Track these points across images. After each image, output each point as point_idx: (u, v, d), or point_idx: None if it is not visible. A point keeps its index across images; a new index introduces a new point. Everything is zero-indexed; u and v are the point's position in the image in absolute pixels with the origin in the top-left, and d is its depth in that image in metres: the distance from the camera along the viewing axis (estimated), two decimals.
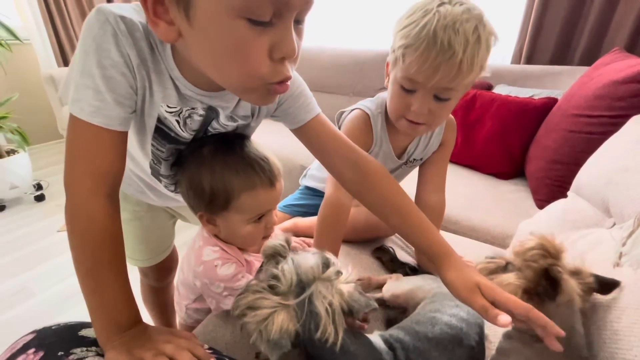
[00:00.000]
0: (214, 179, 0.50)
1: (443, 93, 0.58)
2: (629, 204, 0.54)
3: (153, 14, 0.34)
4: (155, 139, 0.49)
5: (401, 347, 0.41)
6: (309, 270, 0.38)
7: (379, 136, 0.72)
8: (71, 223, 0.41)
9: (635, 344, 0.39)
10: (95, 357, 0.40)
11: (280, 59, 0.36)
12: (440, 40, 0.51)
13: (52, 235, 1.68)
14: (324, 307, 0.35)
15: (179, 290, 0.67)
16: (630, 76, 0.91)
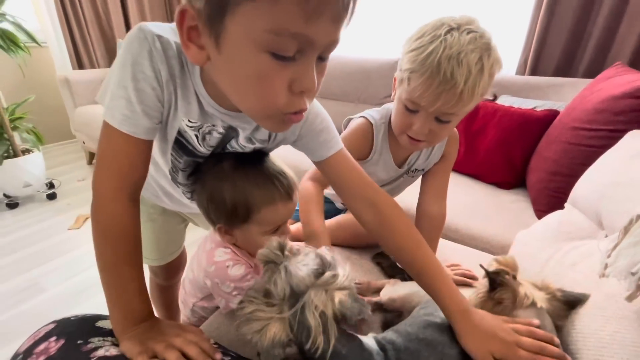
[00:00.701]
0: (235, 193, 0.52)
1: (444, 116, 0.61)
2: (619, 218, 0.56)
3: (187, 38, 0.37)
4: (174, 149, 0.53)
5: (392, 348, 0.44)
6: (301, 280, 0.39)
7: (380, 145, 0.76)
8: (96, 220, 0.45)
9: (617, 351, 0.41)
10: (111, 347, 0.43)
11: (299, 92, 0.38)
12: (444, 71, 0.54)
13: (62, 233, 1.73)
14: (314, 318, 0.37)
15: (185, 289, 0.69)
16: (630, 91, 0.92)
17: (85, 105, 2.40)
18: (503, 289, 0.47)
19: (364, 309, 0.41)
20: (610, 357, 0.41)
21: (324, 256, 0.44)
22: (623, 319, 0.43)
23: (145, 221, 0.77)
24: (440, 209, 0.80)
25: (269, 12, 0.31)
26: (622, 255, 0.42)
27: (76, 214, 1.90)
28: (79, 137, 2.48)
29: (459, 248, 0.92)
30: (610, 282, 0.47)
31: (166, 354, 0.40)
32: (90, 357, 0.40)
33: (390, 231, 0.55)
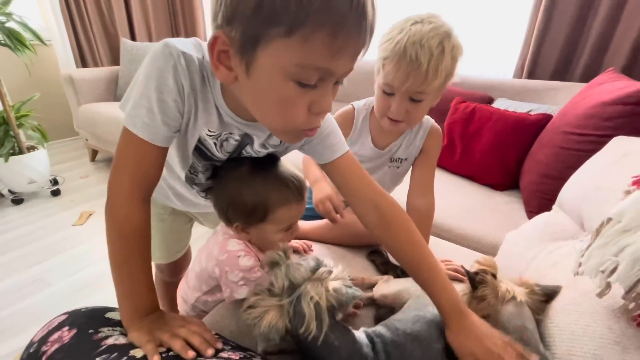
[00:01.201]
0: (255, 195, 0.57)
1: (416, 95, 0.70)
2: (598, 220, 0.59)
3: (217, 59, 0.41)
4: (194, 155, 0.57)
5: (380, 341, 0.47)
6: (299, 274, 0.45)
7: (359, 127, 0.86)
8: (111, 220, 0.48)
9: (587, 343, 0.45)
10: (119, 336, 0.46)
11: (317, 113, 0.43)
12: (409, 54, 0.64)
13: (67, 229, 1.77)
14: (309, 307, 0.42)
15: (189, 284, 0.73)
16: (618, 98, 0.96)
17: (88, 103, 2.43)
18: (484, 287, 0.50)
19: (358, 294, 0.45)
20: (581, 348, 0.45)
21: (320, 259, 0.48)
22: (595, 313, 0.47)
23: (155, 221, 0.81)
24: (427, 202, 0.84)
25: (300, 49, 0.36)
26: (593, 256, 0.45)
27: (80, 210, 1.94)
28: (82, 134, 2.51)
29: (451, 247, 0.96)
30: (585, 280, 0.50)
31: (172, 342, 0.44)
32: (101, 345, 0.43)
33: (392, 232, 0.58)
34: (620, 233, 0.42)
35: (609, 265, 0.42)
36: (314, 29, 0.35)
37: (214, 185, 0.62)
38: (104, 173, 2.47)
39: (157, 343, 0.44)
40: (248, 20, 0.36)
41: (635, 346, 0.40)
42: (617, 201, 0.49)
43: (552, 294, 0.53)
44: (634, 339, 0.40)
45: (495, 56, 1.88)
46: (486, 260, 0.51)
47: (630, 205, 0.43)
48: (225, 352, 0.49)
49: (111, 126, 2.19)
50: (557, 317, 0.51)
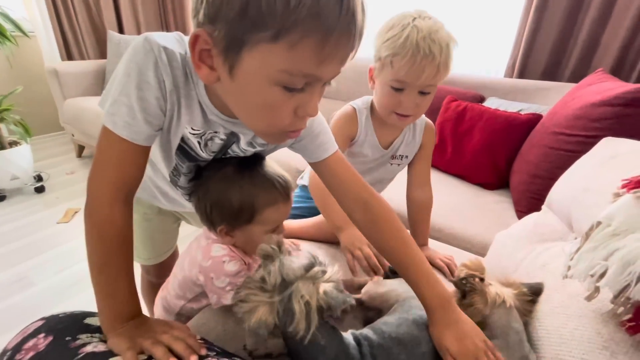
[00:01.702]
0: (242, 196, 0.55)
1: (426, 88, 0.71)
2: (587, 222, 0.58)
3: (198, 59, 0.39)
4: (177, 155, 0.54)
5: (367, 344, 0.47)
6: (292, 271, 0.43)
7: (364, 126, 0.84)
8: (91, 222, 0.46)
9: (575, 346, 0.45)
10: (99, 343, 0.44)
11: (302, 116, 0.42)
12: (423, 49, 0.65)
13: (51, 227, 1.73)
14: (299, 305, 0.41)
15: (171, 293, 0.69)
16: (606, 99, 0.96)
17: (74, 97, 2.36)
18: (473, 294, 0.50)
19: (348, 300, 0.44)
20: (569, 352, 0.44)
21: (316, 256, 0.47)
22: (583, 317, 0.47)
23: (141, 221, 0.78)
24: (425, 193, 0.90)
25: (287, 55, 0.35)
26: (582, 259, 0.45)
27: (65, 207, 1.89)
28: (68, 129, 2.45)
29: (441, 247, 0.95)
30: (573, 282, 0.50)
31: (153, 349, 0.42)
32: (79, 353, 0.41)
33: (379, 229, 0.58)
34: (610, 237, 0.42)
35: (598, 269, 0.42)
36: (302, 35, 0.33)
37: (196, 187, 0.60)
38: None
39: (137, 350, 0.42)
40: (232, 23, 0.34)
41: (623, 351, 0.40)
42: (606, 203, 0.49)
43: (538, 292, 0.54)
44: (622, 343, 0.40)
45: (487, 55, 1.89)
46: (473, 264, 0.51)
47: (620, 208, 0.43)
48: (209, 358, 0.47)
49: (98, 121, 2.14)
50: (546, 320, 0.51)
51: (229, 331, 0.64)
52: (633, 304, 0.40)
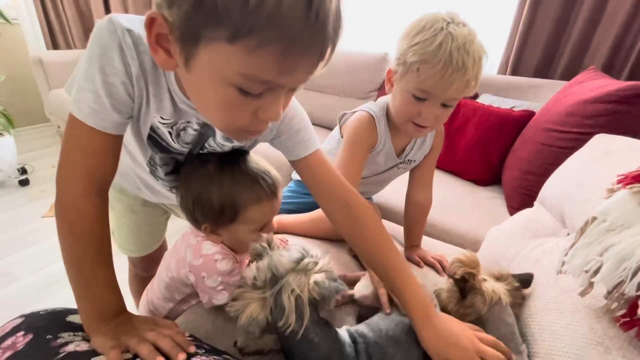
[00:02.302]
0: (223, 194, 0.52)
1: (450, 102, 0.67)
2: (580, 218, 0.59)
3: (155, 41, 0.35)
4: (149, 145, 0.52)
5: (363, 342, 0.46)
6: (281, 265, 0.42)
7: (383, 136, 0.79)
8: (62, 218, 0.44)
9: (569, 342, 0.44)
10: (81, 342, 0.42)
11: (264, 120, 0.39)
12: (456, 60, 0.59)
13: (36, 221, 1.68)
14: (289, 300, 0.40)
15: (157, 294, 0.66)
16: (599, 96, 0.97)
17: (60, 87, 2.30)
18: (473, 294, 0.49)
19: (341, 288, 0.43)
20: (562, 348, 0.44)
21: (307, 248, 0.46)
22: (576, 312, 0.47)
23: (127, 212, 0.76)
24: (426, 197, 0.88)
25: (244, 59, 0.32)
26: (577, 255, 0.45)
27: (50, 201, 1.84)
28: (54, 120, 2.38)
29: (434, 243, 0.95)
30: (567, 278, 0.50)
31: (139, 347, 0.40)
32: (60, 352, 0.40)
33: (360, 232, 0.56)
34: (605, 232, 0.42)
35: (593, 265, 0.42)
36: (261, 42, 0.30)
37: (178, 183, 0.57)
38: None
39: (122, 349, 0.41)
40: (187, 13, 0.31)
41: (617, 347, 0.39)
42: (599, 199, 0.49)
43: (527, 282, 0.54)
44: (616, 339, 0.40)
45: None
46: (468, 259, 0.50)
47: (615, 204, 0.43)
48: (198, 356, 0.46)
49: None
50: (539, 315, 0.51)
51: (219, 328, 0.63)
52: (627, 299, 0.40)
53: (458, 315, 0.51)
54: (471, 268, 0.49)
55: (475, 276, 0.49)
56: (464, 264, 0.49)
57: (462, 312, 0.50)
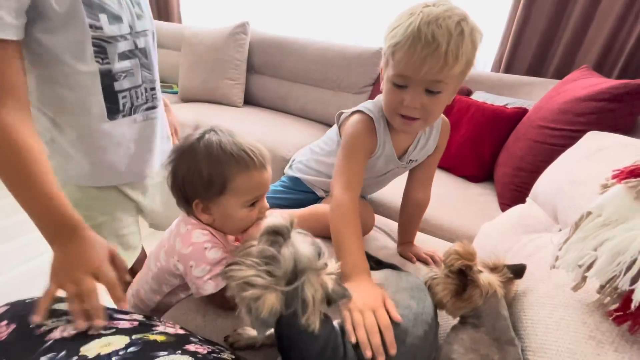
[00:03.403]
0: (211, 164, 0.54)
1: (433, 86, 0.60)
2: (573, 213, 0.59)
3: None
4: (87, 12, 0.53)
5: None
6: (306, 260, 0.40)
7: (382, 139, 0.74)
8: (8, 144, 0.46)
9: (561, 336, 0.44)
10: (67, 325, 0.41)
11: None
12: (424, 35, 0.55)
13: (18, 214, 1.62)
14: (312, 297, 0.39)
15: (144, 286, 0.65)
16: (591, 94, 0.98)
17: None
18: (471, 287, 0.48)
19: (347, 294, 0.44)
20: (555, 342, 0.44)
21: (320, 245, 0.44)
22: (568, 307, 0.47)
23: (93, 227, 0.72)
24: (426, 195, 0.86)
25: None
26: (571, 249, 0.45)
27: None
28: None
29: (426, 239, 0.95)
30: (559, 273, 0.50)
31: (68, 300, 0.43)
32: (46, 341, 0.38)
33: None
34: (600, 227, 0.42)
35: (587, 260, 0.41)
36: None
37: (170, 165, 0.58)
38: None
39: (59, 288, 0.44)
40: None
41: (609, 341, 0.39)
42: (593, 195, 0.49)
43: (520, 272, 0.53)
44: (608, 333, 0.40)
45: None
46: (465, 250, 0.49)
47: (610, 199, 0.42)
48: (193, 344, 0.45)
49: None
50: (531, 310, 0.51)
51: (209, 322, 0.62)
52: (620, 294, 0.40)
53: (454, 308, 0.50)
54: (468, 260, 0.48)
55: (471, 268, 0.48)
56: (461, 256, 0.48)
57: (459, 305, 0.49)
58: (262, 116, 1.98)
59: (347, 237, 0.63)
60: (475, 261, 0.49)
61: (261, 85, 2.17)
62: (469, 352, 0.46)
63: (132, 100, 0.64)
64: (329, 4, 2.12)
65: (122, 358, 0.37)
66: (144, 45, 0.64)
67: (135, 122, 0.67)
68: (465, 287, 0.49)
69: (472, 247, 0.50)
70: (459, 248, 0.49)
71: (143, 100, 0.67)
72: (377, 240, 0.89)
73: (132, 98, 0.64)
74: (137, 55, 0.63)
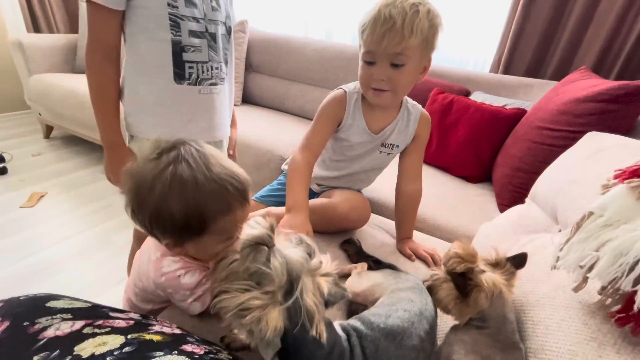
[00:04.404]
0: (187, 206, 0.45)
1: (396, 59, 0.68)
2: (573, 213, 0.59)
3: None
4: None
5: (356, 335, 0.44)
6: (299, 265, 0.37)
7: (352, 110, 0.82)
8: (90, 78, 0.74)
9: (562, 338, 0.44)
10: (61, 323, 0.40)
11: None
12: (383, 14, 0.65)
13: (14, 211, 1.61)
14: (314, 303, 0.36)
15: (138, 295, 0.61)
16: (590, 95, 0.97)
17: (41, 73, 2.20)
18: (476, 291, 0.47)
19: (345, 294, 0.42)
20: (555, 344, 0.44)
21: (309, 243, 0.42)
22: (569, 308, 0.46)
23: None
24: (416, 187, 0.88)
25: None
26: (572, 250, 0.45)
27: (30, 191, 1.77)
28: (35, 108, 2.28)
29: (424, 238, 0.95)
30: (560, 273, 0.50)
31: None
32: (39, 339, 0.37)
33: None
34: (602, 227, 0.41)
35: (589, 260, 0.41)
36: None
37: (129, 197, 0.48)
38: (60, 151, 2.26)
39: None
40: None
41: (611, 343, 0.39)
42: (593, 195, 0.49)
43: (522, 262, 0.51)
44: (610, 335, 0.40)
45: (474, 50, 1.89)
46: (466, 252, 0.48)
47: (612, 199, 0.42)
48: (190, 344, 0.44)
49: (68, 100, 2.00)
50: (532, 311, 0.51)
51: (205, 323, 0.61)
52: (623, 295, 0.39)
53: (460, 314, 0.49)
54: (470, 262, 0.47)
55: (473, 270, 0.47)
56: (463, 259, 0.47)
57: (465, 310, 0.48)
58: (261, 115, 1.97)
59: (295, 182, 0.76)
60: (477, 262, 0.48)
61: (259, 84, 2.16)
62: (470, 353, 0.45)
63: (198, 72, 0.78)
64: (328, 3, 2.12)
65: (117, 358, 0.36)
66: (214, 31, 0.78)
67: (200, 93, 0.80)
68: (469, 291, 0.47)
69: (472, 247, 0.49)
70: (459, 250, 0.48)
71: (208, 76, 0.80)
72: (375, 238, 0.89)
73: (198, 71, 0.78)
74: (206, 37, 0.76)
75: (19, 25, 2.44)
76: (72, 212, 1.66)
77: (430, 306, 0.51)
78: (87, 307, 0.45)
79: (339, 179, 0.95)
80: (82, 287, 1.24)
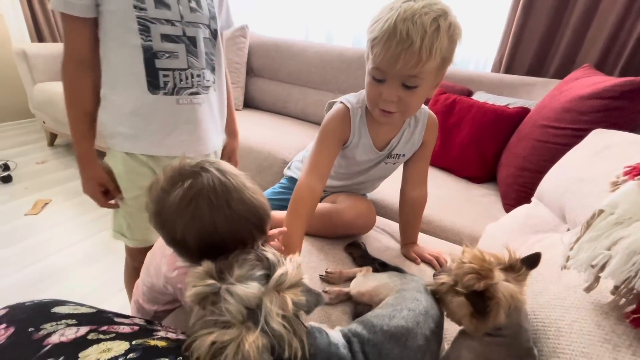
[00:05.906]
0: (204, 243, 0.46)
1: (409, 81, 0.61)
2: (582, 212, 0.58)
3: None
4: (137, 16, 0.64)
5: (357, 341, 0.43)
6: (251, 296, 0.35)
7: (357, 128, 0.77)
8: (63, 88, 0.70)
9: (575, 340, 0.43)
10: (65, 329, 0.40)
11: None
12: (400, 31, 0.56)
13: (18, 219, 1.61)
14: (281, 325, 0.34)
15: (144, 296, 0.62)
16: (595, 93, 0.96)
17: (45, 81, 2.22)
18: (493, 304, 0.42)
19: (320, 298, 0.39)
20: (568, 346, 0.43)
21: (265, 256, 0.39)
22: (581, 309, 0.45)
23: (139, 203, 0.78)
24: (421, 193, 0.85)
25: None
26: (583, 249, 0.44)
27: (34, 198, 1.77)
28: (39, 116, 2.30)
29: (430, 240, 0.94)
30: (570, 273, 0.49)
31: None
32: (44, 345, 0.37)
33: None
34: (613, 225, 0.40)
35: (600, 259, 0.40)
36: None
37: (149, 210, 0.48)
38: (64, 159, 2.28)
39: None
40: None
41: (626, 344, 0.38)
42: (601, 192, 0.48)
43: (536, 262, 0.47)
44: (625, 336, 0.39)
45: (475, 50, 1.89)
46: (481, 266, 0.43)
47: (623, 196, 0.41)
48: None
49: None
50: (542, 312, 0.49)
51: None
52: (637, 294, 0.38)
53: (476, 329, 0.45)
54: (488, 278, 0.42)
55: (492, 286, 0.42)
56: (480, 275, 0.42)
57: (481, 327, 0.44)
58: (262, 119, 1.97)
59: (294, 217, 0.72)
60: (494, 272, 0.44)
61: (261, 88, 2.16)
62: (480, 359, 0.44)
63: (175, 81, 0.70)
64: (328, 7, 2.12)
65: None
66: (193, 34, 0.70)
67: (178, 103, 0.72)
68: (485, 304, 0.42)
69: (483, 253, 0.45)
70: (474, 265, 0.43)
71: (188, 84, 0.72)
72: (379, 242, 0.88)
73: (175, 79, 0.70)
74: (184, 42, 0.69)
75: (22, 35, 2.46)
76: (77, 219, 1.66)
77: (436, 307, 0.50)
78: (91, 312, 0.45)
79: (343, 187, 0.94)
80: (87, 293, 1.24)
